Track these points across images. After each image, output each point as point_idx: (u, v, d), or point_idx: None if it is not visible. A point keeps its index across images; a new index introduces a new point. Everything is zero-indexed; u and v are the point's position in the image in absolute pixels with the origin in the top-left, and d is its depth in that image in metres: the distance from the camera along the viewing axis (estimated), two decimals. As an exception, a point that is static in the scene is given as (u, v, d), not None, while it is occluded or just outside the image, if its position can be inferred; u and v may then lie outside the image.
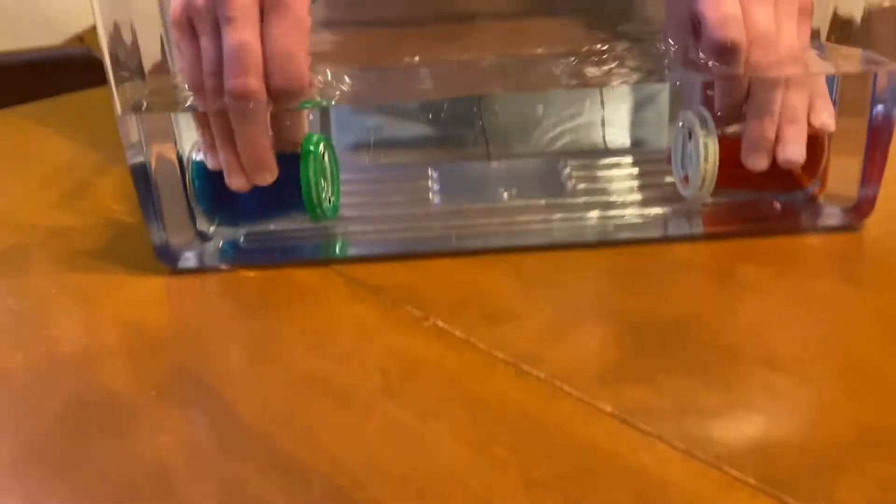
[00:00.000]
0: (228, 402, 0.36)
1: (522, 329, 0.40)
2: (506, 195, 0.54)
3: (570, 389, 0.35)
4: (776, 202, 0.51)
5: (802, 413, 0.33)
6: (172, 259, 0.48)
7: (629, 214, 0.51)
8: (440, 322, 0.41)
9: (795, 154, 0.46)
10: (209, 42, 0.43)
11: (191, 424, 0.35)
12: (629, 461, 0.31)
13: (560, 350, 0.38)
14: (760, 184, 0.49)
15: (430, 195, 0.54)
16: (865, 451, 0.31)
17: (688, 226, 0.51)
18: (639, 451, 0.31)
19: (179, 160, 0.47)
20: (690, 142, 0.49)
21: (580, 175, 0.55)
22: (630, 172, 0.56)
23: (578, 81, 0.46)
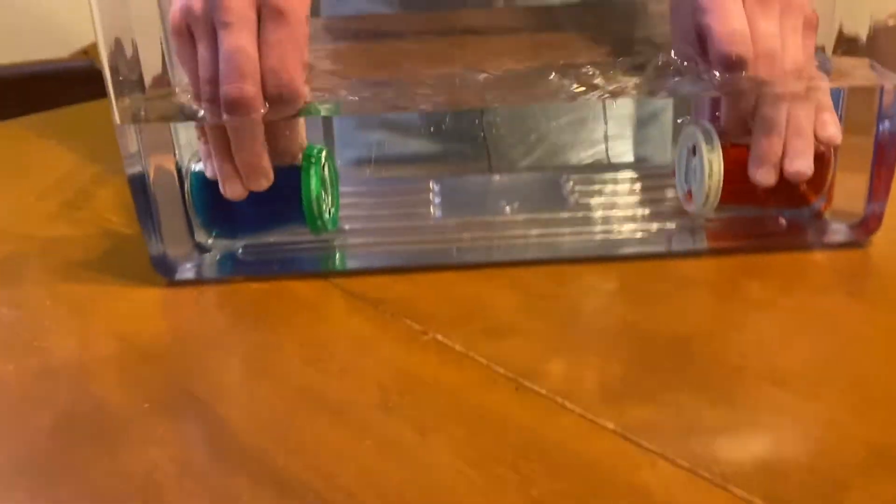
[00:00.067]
0: (222, 416, 0.35)
1: (523, 344, 0.39)
2: (507, 209, 0.53)
3: (572, 406, 0.34)
4: (782, 218, 0.50)
5: (809, 431, 0.33)
6: (169, 270, 0.47)
7: (632, 229, 0.50)
8: (440, 336, 0.40)
9: (803, 166, 0.45)
10: (206, 49, 0.42)
11: (183, 438, 0.34)
12: (632, 480, 0.30)
13: (561, 366, 0.37)
14: (766, 200, 0.49)
15: (431, 208, 0.54)
16: (874, 472, 0.30)
17: (692, 241, 0.50)
18: (641, 470, 0.31)
19: (178, 171, 0.47)
20: (695, 157, 0.48)
21: (582, 189, 0.55)
22: (633, 187, 0.56)
23: (580, 94, 0.45)
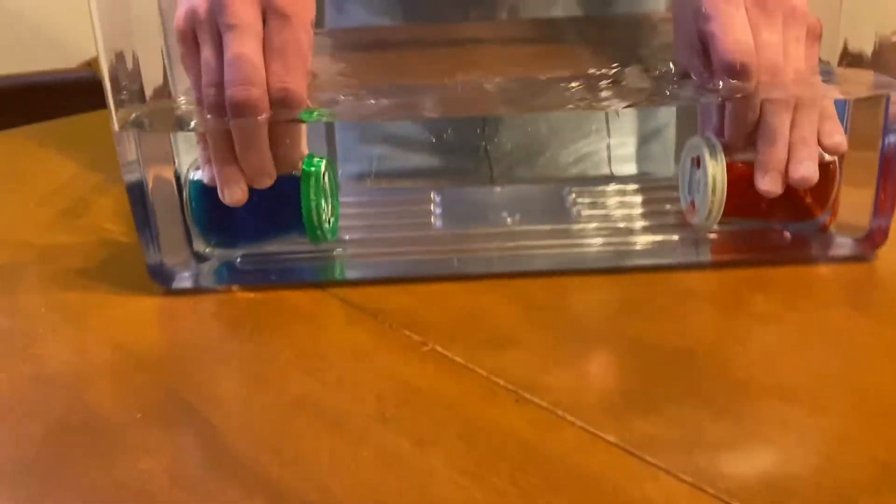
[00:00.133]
0: (216, 426, 0.35)
1: (524, 355, 0.39)
2: (509, 220, 0.53)
3: (573, 419, 0.34)
4: (786, 231, 0.50)
5: (816, 447, 0.32)
6: (167, 279, 0.47)
7: (634, 241, 0.50)
8: (439, 347, 0.39)
9: (809, 172, 0.44)
10: (210, 52, 0.42)
11: (176, 448, 0.33)
12: (634, 494, 0.30)
13: (563, 378, 0.37)
14: (770, 213, 0.48)
15: (432, 219, 0.53)
16: (883, 489, 0.29)
17: (695, 253, 0.49)
18: (644, 484, 0.30)
19: (177, 180, 0.46)
20: (698, 169, 0.48)
21: (585, 201, 0.54)
22: (636, 199, 0.55)
23: (583, 103, 0.45)
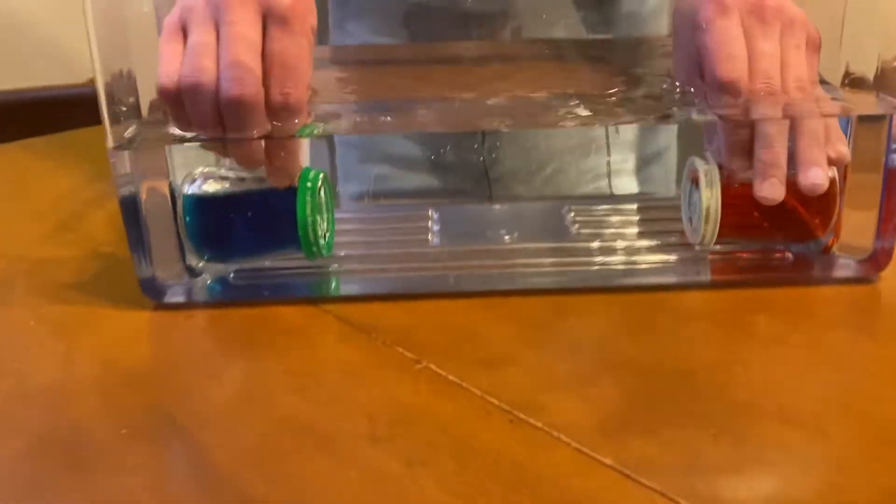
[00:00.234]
0: (203, 443, 0.34)
1: (520, 375, 0.38)
2: (507, 238, 0.52)
3: (568, 440, 0.33)
4: (789, 252, 0.49)
5: (817, 471, 0.31)
6: (158, 293, 0.46)
7: (634, 260, 0.49)
8: (433, 366, 0.39)
9: (819, 178, 0.43)
10: (198, 37, 0.41)
11: (161, 466, 0.33)
12: (630, 519, 0.29)
13: (559, 398, 0.36)
14: (772, 233, 0.48)
15: (430, 235, 0.53)
16: (887, 516, 0.28)
17: (695, 273, 0.49)
18: (640, 509, 0.29)
19: (171, 194, 0.46)
20: (697, 189, 0.47)
21: (584, 220, 0.54)
22: (635, 218, 0.55)
23: (582, 119, 0.44)
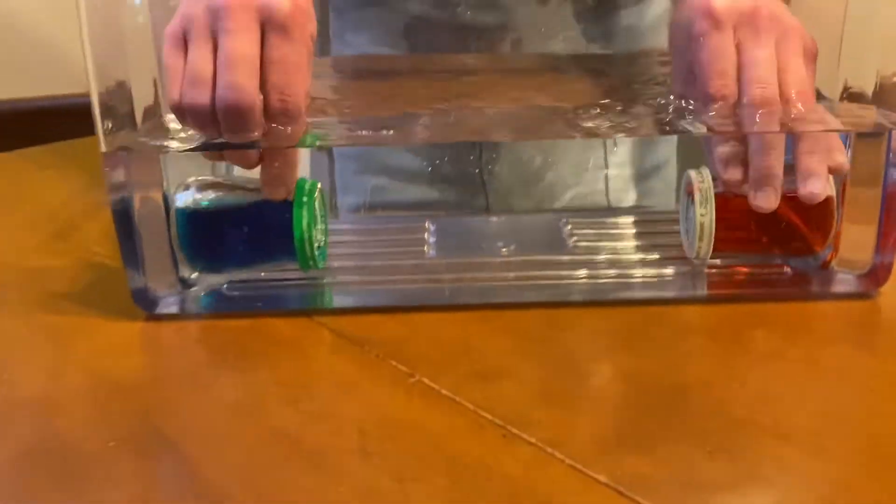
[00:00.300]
0: (191, 457, 0.33)
1: (514, 389, 0.38)
2: (504, 250, 0.51)
3: (562, 456, 0.33)
4: (787, 267, 0.49)
5: (815, 489, 0.31)
6: (151, 304, 0.46)
7: (631, 273, 0.49)
8: (426, 379, 0.38)
9: (818, 187, 0.43)
10: (199, 52, 0.41)
11: (148, 479, 0.32)
12: (623, 537, 0.28)
13: (553, 413, 0.36)
14: (770, 247, 0.47)
15: (426, 247, 0.52)
16: (886, 536, 0.28)
17: (692, 287, 0.48)
18: (634, 527, 0.29)
19: (165, 204, 0.46)
20: (693, 204, 0.47)
21: (581, 233, 0.53)
22: (633, 231, 0.54)
23: (581, 130, 0.44)
